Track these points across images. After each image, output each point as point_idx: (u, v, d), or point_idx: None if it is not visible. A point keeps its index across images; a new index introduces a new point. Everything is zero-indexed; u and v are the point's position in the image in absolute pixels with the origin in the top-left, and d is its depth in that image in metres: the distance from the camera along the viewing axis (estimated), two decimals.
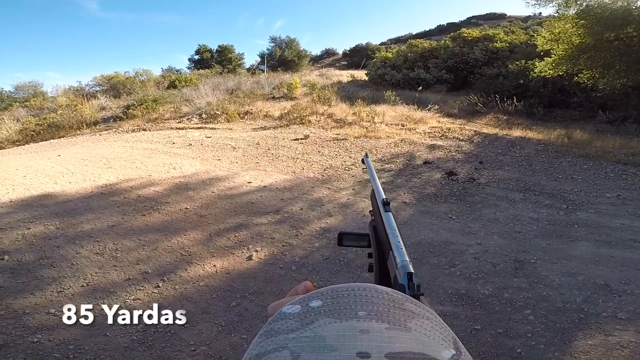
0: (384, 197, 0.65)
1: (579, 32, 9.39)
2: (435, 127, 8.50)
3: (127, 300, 2.76)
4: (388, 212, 0.61)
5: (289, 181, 5.39)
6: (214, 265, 3.26)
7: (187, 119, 10.25)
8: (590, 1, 9.12)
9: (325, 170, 5.91)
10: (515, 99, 10.64)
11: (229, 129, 8.91)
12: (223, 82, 14.41)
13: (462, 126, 8.67)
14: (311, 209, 4.45)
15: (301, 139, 7.67)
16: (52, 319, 2.53)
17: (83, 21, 78.76)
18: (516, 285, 2.96)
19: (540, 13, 33.34)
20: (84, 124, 11.03)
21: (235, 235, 3.79)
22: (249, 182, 5.28)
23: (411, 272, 0.45)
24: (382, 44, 34.24)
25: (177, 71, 24.43)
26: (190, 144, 7.42)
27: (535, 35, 13.97)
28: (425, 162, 6.11)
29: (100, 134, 9.83)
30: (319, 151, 6.85)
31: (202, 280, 3.06)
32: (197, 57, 26.22)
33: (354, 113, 9.35)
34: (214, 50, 26.30)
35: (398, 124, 8.74)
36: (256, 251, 3.49)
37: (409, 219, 4.22)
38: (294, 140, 7.63)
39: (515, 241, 3.69)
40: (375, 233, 0.65)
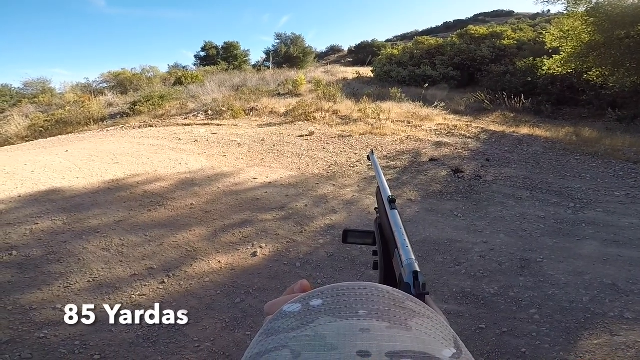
0: (390, 194, 0.64)
1: (589, 30, 9.26)
2: (441, 124, 8.45)
3: (133, 296, 2.79)
4: (394, 209, 0.60)
5: (294, 178, 5.40)
6: (219, 262, 3.28)
7: (193, 116, 10.30)
8: None
9: (330, 167, 5.91)
10: (523, 96, 10.53)
11: (234, 126, 8.94)
12: (229, 79, 14.45)
13: (469, 124, 8.60)
14: (316, 206, 4.45)
15: (306, 135, 7.66)
16: (58, 314, 2.56)
17: (91, 18, 79.45)
18: (522, 284, 2.94)
19: (549, 11, 33.03)
20: (91, 120, 11.13)
21: (240, 232, 3.81)
22: (254, 179, 5.29)
23: (417, 271, 0.45)
24: (387, 40, 34.08)
25: (184, 68, 24.58)
26: (196, 140, 7.45)
27: (544, 32, 13.78)
28: (431, 160, 6.07)
29: (107, 130, 9.91)
30: (324, 148, 6.85)
31: (207, 276, 3.08)
32: (203, 54, 26.29)
33: (360, 110, 9.31)
34: (220, 47, 26.34)
35: (404, 121, 8.70)
36: (261, 247, 3.50)
37: (414, 217, 4.21)
38: (299, 136, 7.63)
39: (522, 240, 3.66)
40: (381, 230, 0.64)
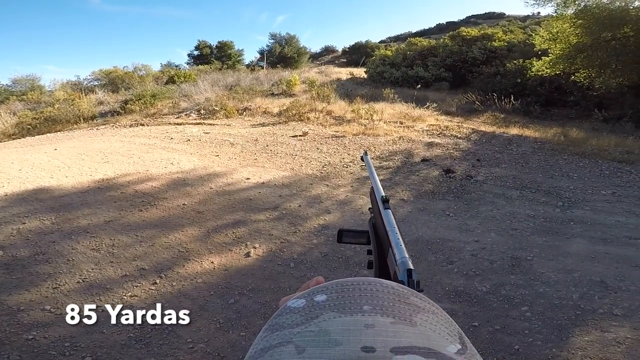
0: (383, 194, 0.65)
1: (577, 32, 9.45)
2: (433, 125, 8.51)
3: (124, 297, 2.75)
4: (387, 209, 0.61)
5: (287, 178, 5.38)
6: (212, 262, 3.26)
7: (186, 115, 10.21)
8: (588, 1, 9.17)
9: (323, 167, 5.91)
10: (512, 97, 10.69)
11: (227, 125, 8.88)
12: (222, 78, 14.35)
13: (460, 124, 8.69)
14: (309, 206, 4.45)
15: (300, 135, 7.65)
16: (47, 315, 2.51)
17: (85, 15, 77.48)
18: (513, 282, 2.98)
19: (539, 13, 33.49)
20: (81, 118, 10.95)
21: (233, 232, 3.78)
22: (247, 179, 5.27)
23: (410, 269, 0.45)
24: (381, 42, 34.22)
25: (176, 66, 24.40)
26: (189, 140, 7.39)
27: (533, 34, 14.01)
28: (423, 160, 6.12)
29: (97, 129, 9.76)
30: (317, 148, 6.84)
31: (200, 277, 3.05)
32: (196, 53, 26.13)
33: (353, 110, 9.33)
34: (214, 46, 26.19)
35: (396, 122, 8.74)
36: (254, 248, 3.48)
37: (406, 216, 4.23)
38: (292, 137, 7.61)
39: (512, 238, 3.71)
40: (375, 230, 0.65)
